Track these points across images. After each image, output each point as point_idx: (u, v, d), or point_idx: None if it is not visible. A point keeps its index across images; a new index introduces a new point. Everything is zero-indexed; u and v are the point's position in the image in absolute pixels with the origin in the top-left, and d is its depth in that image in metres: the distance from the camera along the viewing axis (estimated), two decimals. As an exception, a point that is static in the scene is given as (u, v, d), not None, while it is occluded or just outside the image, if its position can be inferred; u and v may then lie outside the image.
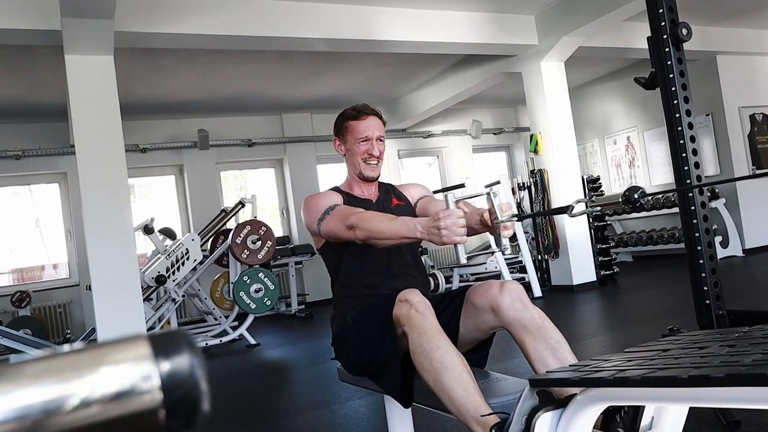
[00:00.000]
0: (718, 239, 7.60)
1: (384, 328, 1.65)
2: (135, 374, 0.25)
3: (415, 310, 1.56)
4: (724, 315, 2.17)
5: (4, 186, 7.72)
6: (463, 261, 1.63)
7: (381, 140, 2.03)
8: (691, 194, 2.19)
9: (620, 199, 1.40)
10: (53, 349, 0.26)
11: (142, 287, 5.09)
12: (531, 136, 6.91)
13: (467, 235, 1.58)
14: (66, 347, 0.26)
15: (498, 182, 6.67)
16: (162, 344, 0.26)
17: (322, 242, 1.99)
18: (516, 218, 1.58)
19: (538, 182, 6.82)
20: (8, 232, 7.75)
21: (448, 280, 7.61)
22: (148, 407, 0.25)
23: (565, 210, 1.49)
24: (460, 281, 7.33)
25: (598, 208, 1.59)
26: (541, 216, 1.63)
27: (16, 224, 7.85)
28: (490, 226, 1.63)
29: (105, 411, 0.25)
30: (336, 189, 2.08)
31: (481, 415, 1.40)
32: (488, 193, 1.61)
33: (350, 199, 2.01)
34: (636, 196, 1.39)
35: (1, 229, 7.69)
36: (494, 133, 10.36)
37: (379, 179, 2.12)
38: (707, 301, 2.18)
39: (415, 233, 1.57)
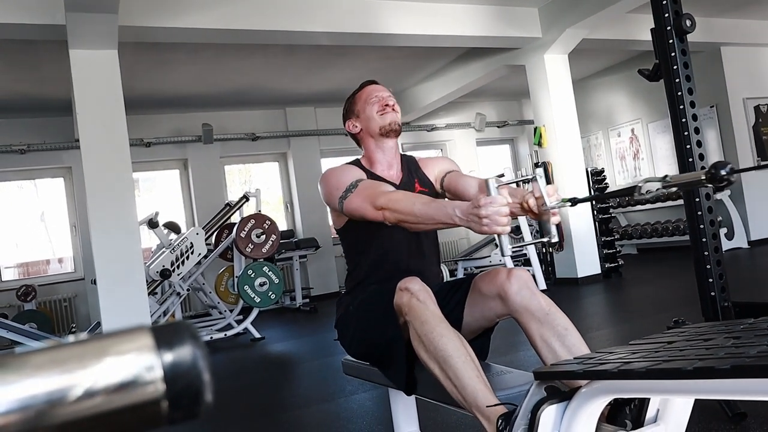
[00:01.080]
0: (723, 231, 7.58)
1: (386, 318, 1.63)
2: (138, 365, 0.26)
3: (416, 299, 1.54)
4: (730, 307, 2.17)
5: (9, 180, 7.74)
6: (508, 252, 1.48)
7: (390, 97, 1.99)
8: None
9: (702, 178, 1.14)
10: (57, 340, 0.26)
11: (146, 281, 5.11)
12: (535, 129, 6.89)
13: None
14: (70, 338, 0.27)
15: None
16: (164, 335, 0.26)
17: (344, 221, 1.89)
18: (569, 203, 1.44)
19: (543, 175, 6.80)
20: (14, 227, 7.78)
21: (452, 273, 7.62)
22: (151, 398, 0.25)
23: (633, 191, 1.26)
24: (464, 274, 7.33)
25: (674, 189, 1.24)
26: (605, 198, 1.49)
27: (22, 219, 7.88)
28: (537, 212, 1.51)
29: (108, 401, 0.25)
30: (357, 163, 1.97)
31: (487, 406, 1.39)
32: (535, 177, 1.48)
33: (375, 178, 1.90)
34: (724, 172, 1.11)
35: (7, 223, 7.72)
36: (498, 126, 10.33)
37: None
38: (712, 293, 2.17)
39: (454, 219, 1.45)
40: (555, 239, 1.50)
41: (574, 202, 1.45)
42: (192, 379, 0.26)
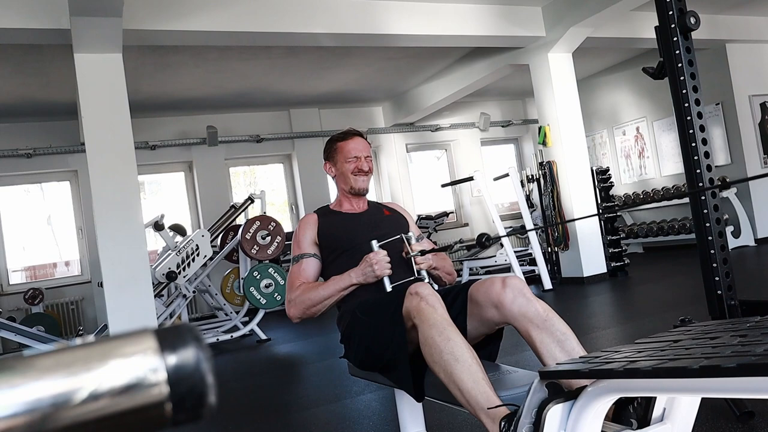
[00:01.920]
0: (729, 229, 7.55)
1: (393, 321, 1.66)
2: (142, 368, 0.26)
3: (426, 303, 1.57)
4: (736, 305, 2.16)
5: (16, 184, 7.78)
6: (389, 289, 1.91)
7: (369, 158, 2.18)
8: (701, 183, 2.17)
9: (474, 242, 1.75)
10: (63, 343, 0.27)
11: (153, 283, 5.12)
12: (539, 128, 6.88)
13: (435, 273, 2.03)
14: (75, 341, 0.27)
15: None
16: (168, 338, 0.27)
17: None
18: (420, 253, 1.96)
19: (547, 174, 6.79)
20: (21, 230, 7.82)
21: (458, 273, 7.61)
22: (156, 400, 0.26)
23: (448, 249, 1.92)
24: (470, 274, 7.33)
25: (464, 247, 2.00)
26: (432, 252, 1.99)
27: (29, 222, 7.92)
28: (405, 260, 1.97)
29: (113, 404, 0.25)
30: (323, 209, 2.23)
31: (490, 408, 1.39)
32: (402, 236, 1.99)
33: (333, 217, 2.16)
34: (483, 240, 1.86)
35: (14, 227, 7.76)
36: (502, 126, 10.32)
37: (374, 200, 2.29)
38: (719, 292, 2.16)
39: (351, 281, 1.92)
40: (426, 279, 1.94)
41: (423, 253, 1.97)
42: (195, 381, 0.26)
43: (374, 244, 1.95)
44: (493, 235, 1.63)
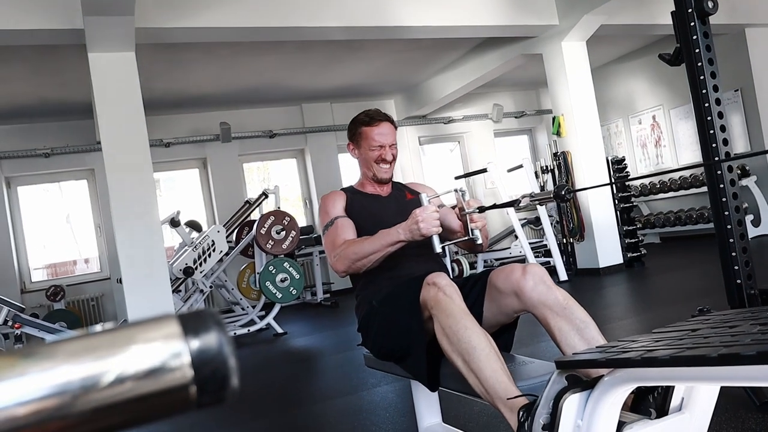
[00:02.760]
0: (749, 218, 7.45)
1: (410, 311, 1.66)
2: (166, 352, 0.26)
3: (443, 293, 1.57)
4: (756, 294, 2.14)
5: (35, 184, 7.90)
6: (438, 250, 1.80)
7: (393, 146, 2.13)
8: (719, 171, 2.15)
9: (551, 195, 1.68)
10: (89, 328, 0.27)
11: (170, 279, 5.18)
12: (553, 119, 6.83)
13: (445, 235, 1.88)
14: (99, 327, 0.28)
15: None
16: (191, 323, 0.27)
17: None
18: (479, 210, 1.82)
19: (562, 165, 6.75)
20: (41, 229, 7.93)
21: (472, 265, 7.60)
22: (180, 383, 0.26)
23: (514, 203, 1.83)
24: (485, 266, 7.31)
25: (537, 202, 1.82)
26: (497, 208, 1.86)
27: (48, 221, 8.03)
28: (460, 218, 1.86)
29: (139, 387, 0.26)
30: (348, 189, 2.18)
31: (508, 398, 1.39)
32: (456, 190, 1.86)
33: (360, 197, 2.11)
34: (563, 192, 1.66)
35: (34, 226, 7.87)
36: (516, 117, 10.26)
37: (393, 179, 2.23)
38: (738, 281, 2.14)
39: (399, 237, 1.78)
40: (479, 241, 1.84)
41: (482, 209, 1.83)
42: (219, 364, 0.27)
43: (423, 197, 1.78)
44: (569, 189, 1.55)
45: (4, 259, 7.34)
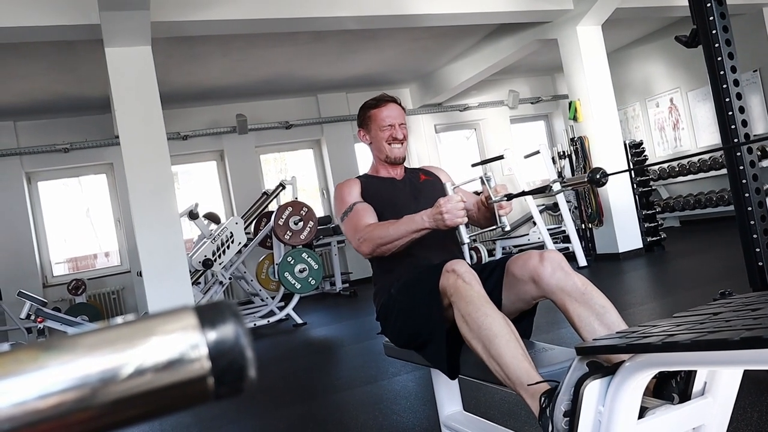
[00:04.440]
0: (770, 200, 7.33)
1: (430, 299, 1.65)
2: (184, 343, 0.27)
3: (462, 280, 1.56)
4: (778, 277, 2.11)
5: (55, 179, 8.00)
6: (466, 240, 1.80)
7: (403, 125, 2.13)
8: (739, 153, 2.11)
9: (585, 180, 1.62)
10: (107, 321, 0.28)
11: (190, 271, 5.23)
12: (570, 104, 6.76)
13: (470, 221, 1.90)
14: (118, 319, 0.28)
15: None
16: (208, 314, 0.27)
17: None
18: (506, 198, 1.79)
19: (579, 150, 6.69)
20: (61, 223, 8.05)
21: (490, 252, 7.58)
22: (198, 375, 0.26)
23: (545, 189, 1.77)
24: (503, 253, 7.28)
25: (570, 188, 1.75)
26: (527, 195, 1.78)
27: (69, 215, 8.14)
28: (487, 206, 1.86)
29: (157, 379, 0.26)
30: (361, 176, 2.18)
31: (530, 384, 1.39)
32: (482, 178, 1.84)
33: (374, 181, 2.11)
34: (599, 176, 1.59)
35: (55, 220, 7.98)
36: (532, 103, 10.18)
37: (406, 164, 2.23)
38: (760, 263, 2.12)
39: (424, 224, 1.76)
40: (507, 228, 1.82)
41: (510, 197, 1.79)
42: (236, 355, 0.27)
43: (448, 186, 1.76)
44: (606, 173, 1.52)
45: (26, 253, 7.47)
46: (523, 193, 1.88)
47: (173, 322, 0.27)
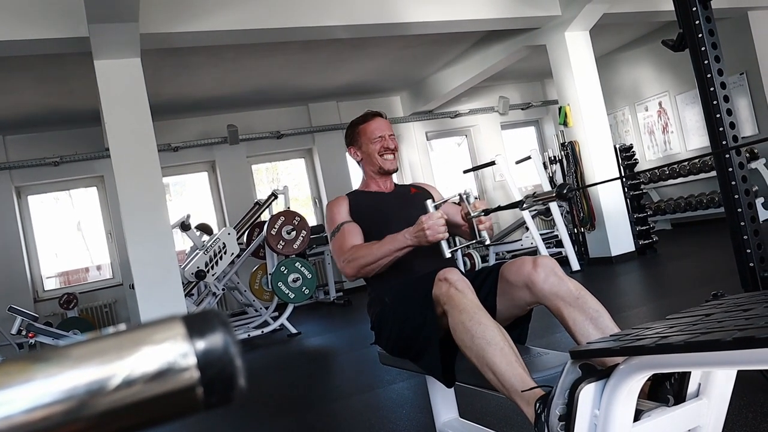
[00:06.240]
0: (759, 200, 7.39)
1: (423, 308, 1.66)
2: (172, 353, 0.26)
3: (455, 288, 1.57)
4: (770, 277, 2.12)
5: (45, 192, 7.96)
6: (447, 255, 1.84)
7: (392, 136, 2.19)
8: (728, 156, 2.13)
9: (553, 194, 1.69)
10: (96, 332, 0.27)
11: (182, 283, 5.20)
12: (560, 109, 6.80)
13: (452, 234, 1.96)
14: (108, 330, 0.28)
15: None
16: (196, 323, 0.27)
17: None
18: (484, 213, 1.86)
19: (570, 155, 6.72)
20: (52, 237, 7.99)
21: (484, 259, 7.58)
22: (187, 384, 0.26)
23: (518, 205, 1.82)
24: (496, 259, 7.29)
25: (540, 203, 1.80)
26: (499, 210, 1.85)
27: (60, 229, 8.09)
28: (466, 221, 1.92)
29: (146, 390, 0.26)
30: (352, 192, 2.22)
31: (524, 390, 1.39)
32: (460, 195, 1.90)
33: (364, 197, 2.15)
34: (565, 191, 1.67)
35: (46, 234, 7.93)
36: (522, 109, 10.22)
37: (398, 176, 2.24)
38: (751, 264, 2.13)
39: (406, 242, 1.82)
40: (487, 242, 1.89)
41: (487, 212, 1.86)
42: (225, 364, 0.27)
43: (429, 204, 1.81)
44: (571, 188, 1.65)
45: (16, 268, 7.41)
46: (499, 208, 1.92)
47: (161, 331, 0.27)
